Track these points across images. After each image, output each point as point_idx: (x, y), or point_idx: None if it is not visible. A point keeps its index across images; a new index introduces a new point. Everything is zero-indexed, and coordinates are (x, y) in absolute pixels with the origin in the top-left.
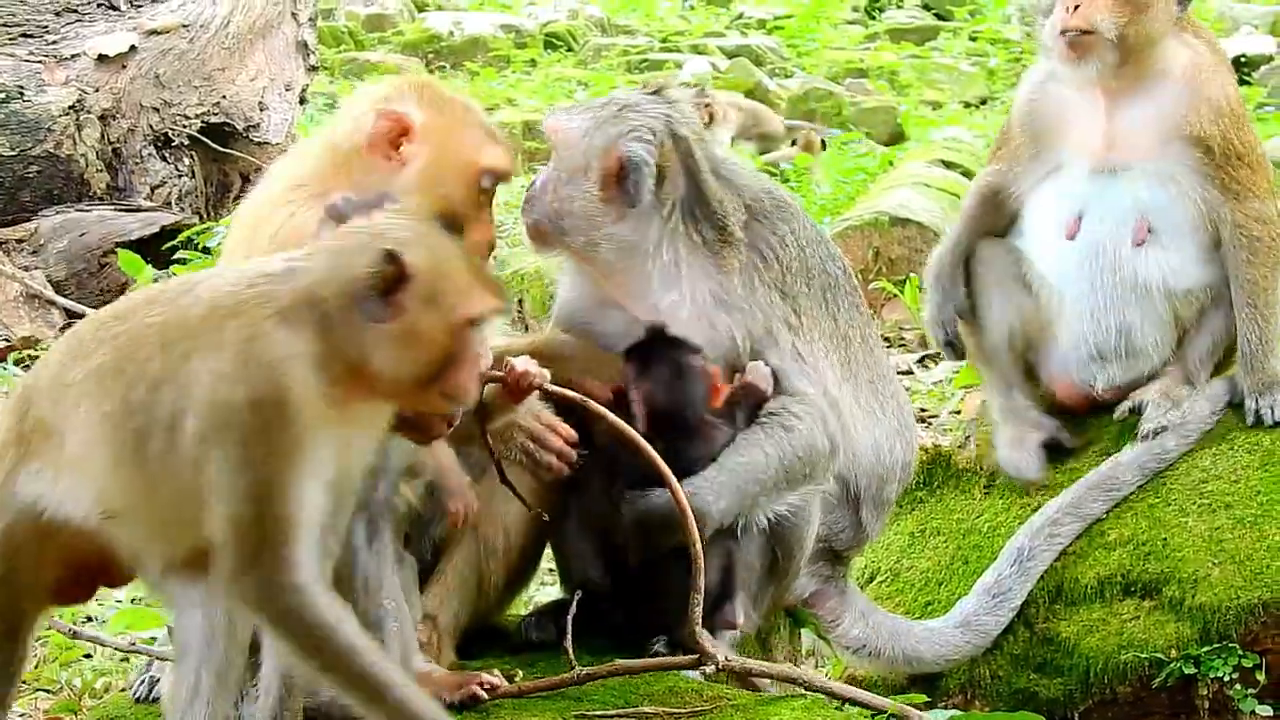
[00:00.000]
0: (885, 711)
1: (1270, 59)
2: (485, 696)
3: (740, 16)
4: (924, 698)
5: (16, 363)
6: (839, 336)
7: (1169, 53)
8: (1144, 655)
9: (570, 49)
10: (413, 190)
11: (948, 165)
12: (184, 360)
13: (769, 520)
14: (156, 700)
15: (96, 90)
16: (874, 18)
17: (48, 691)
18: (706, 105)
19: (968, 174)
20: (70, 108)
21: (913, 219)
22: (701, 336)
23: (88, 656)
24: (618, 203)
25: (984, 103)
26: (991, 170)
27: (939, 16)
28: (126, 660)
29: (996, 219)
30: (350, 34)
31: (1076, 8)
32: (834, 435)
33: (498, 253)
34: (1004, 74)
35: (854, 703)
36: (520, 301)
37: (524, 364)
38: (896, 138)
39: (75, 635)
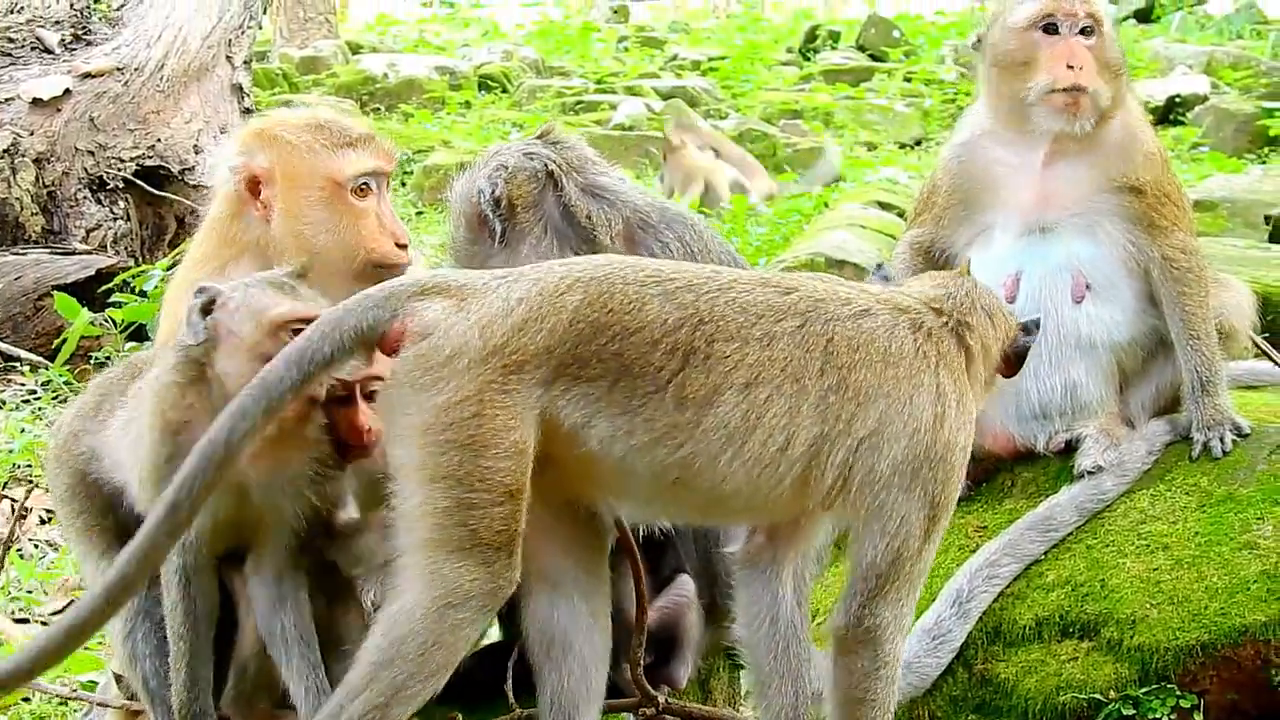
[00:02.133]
0: None
1: (1204, 99)
2: None
3: (674, 58)
4: None
5: None
6: None
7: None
8: (1082, 696)
9: (505, 90)
10: (286, 230)
11: (884, 206)
12: None
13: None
14: None
15: (31, 134)
16: (808, 59)
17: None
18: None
19: (903, 214)
20: (4, 151)
21: (849, 260)
22: None
23: (26, 700)
24: (485, 241)
25: (919, 143)
26: (916, 232)
27: (873, 58)
28: (65, 704)
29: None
30: (285, 76)
31: (1080, 67)
32: None
33: (416, 254)
34: (938, 114)
35: None
36: None
37: None
38: (834, 179)
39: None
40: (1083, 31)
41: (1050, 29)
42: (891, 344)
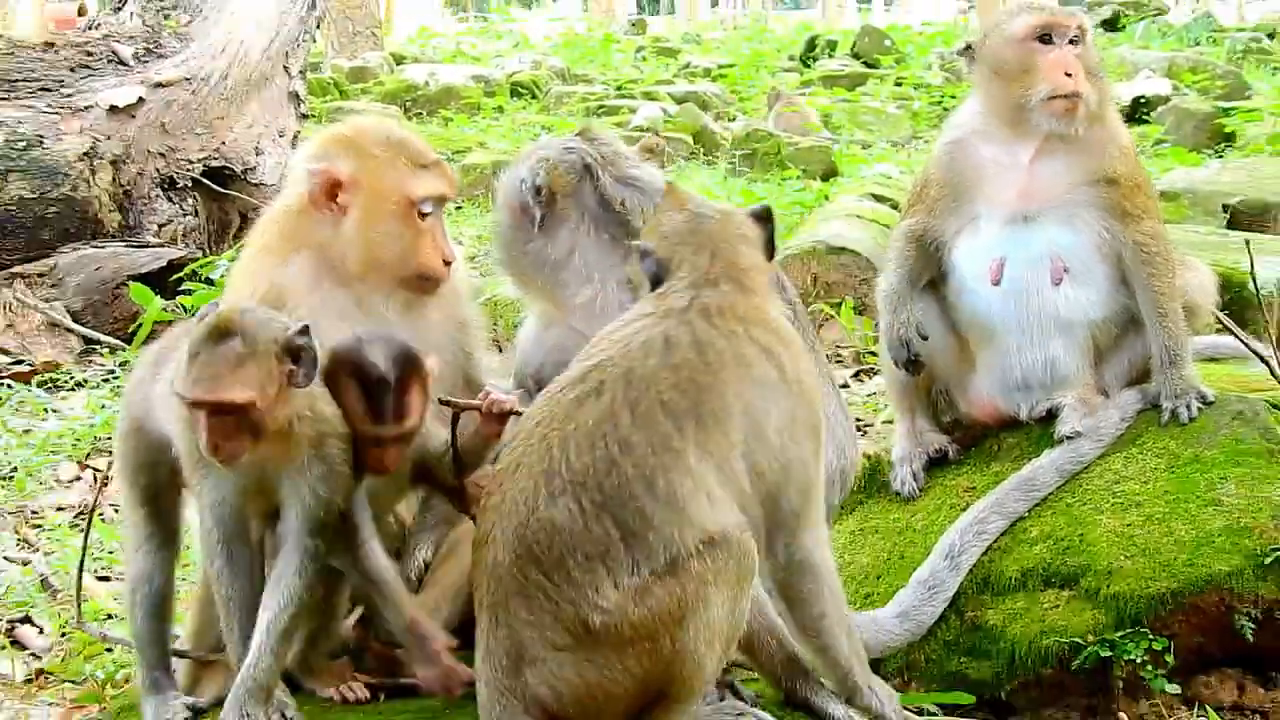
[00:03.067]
0: None
1: (1166, 100)
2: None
3: (687, 66)
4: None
5: (40, 385)
6: None
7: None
8: (1064, 640)
9: (534, 96)
10: (355, 235)
11: (878, 199)
12: None
13: None
14: None
15: (108, 138)
16: (808, 66)
17: (73, 682)
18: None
19: (896, 206)
20: (85, 154)
21: (848, 248)
22: None
23: (109, 650)
24: (526, 226)
25: (909, 141)
26: (910, 221)
27: (867, 65)
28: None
29: (927, 259)
30: (336, 85)
31: (1074, 75)
32: None
33: (458, 270)
34: (926, 115)
35: None
36: (495, 324)
37: (498, 391)
38: (830, 174)
39: (104, 637)
40: (1072, 41)
41: (1046, 39)
42: (703, 353)
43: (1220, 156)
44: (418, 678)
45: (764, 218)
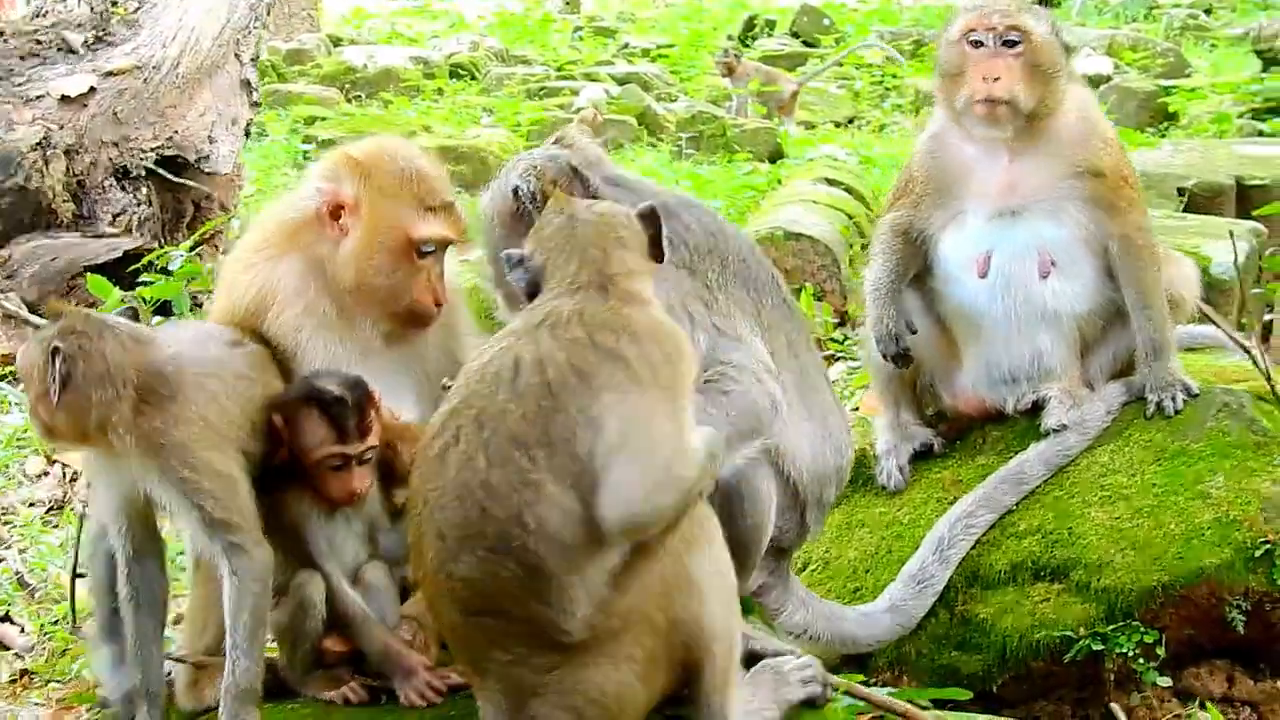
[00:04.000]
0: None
1: (1108, 79)
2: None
3: (626, 46)
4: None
5: (1, 378)
6: (763, 326)
7: (1065, 104)
8: (1055, 633)
9: (474, 77)
10: (350, 260)
11: (831, 182)
12: None
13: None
14: None
15: (61, 127)
16: (747, 45)
17: (59, 682)
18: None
19: (849, 190)
20: (37, 144)
21: (805, 233)
22: None
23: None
24: (521, 233)
25: (851, 121)
26: (895, 215)
27: (806, 44)
28: None
29: (914, 253)
30: (273, 67)
31: (997, 79)
32: (773, 395)
33: (451, 274)
34: (868, 95)
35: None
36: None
37: None
38: (776, 156)
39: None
40: (1006, 44)
41: (977, 43)
42: (543, 373)
43: (1164, 135)
44: (399, 696)
45: (649, 217)
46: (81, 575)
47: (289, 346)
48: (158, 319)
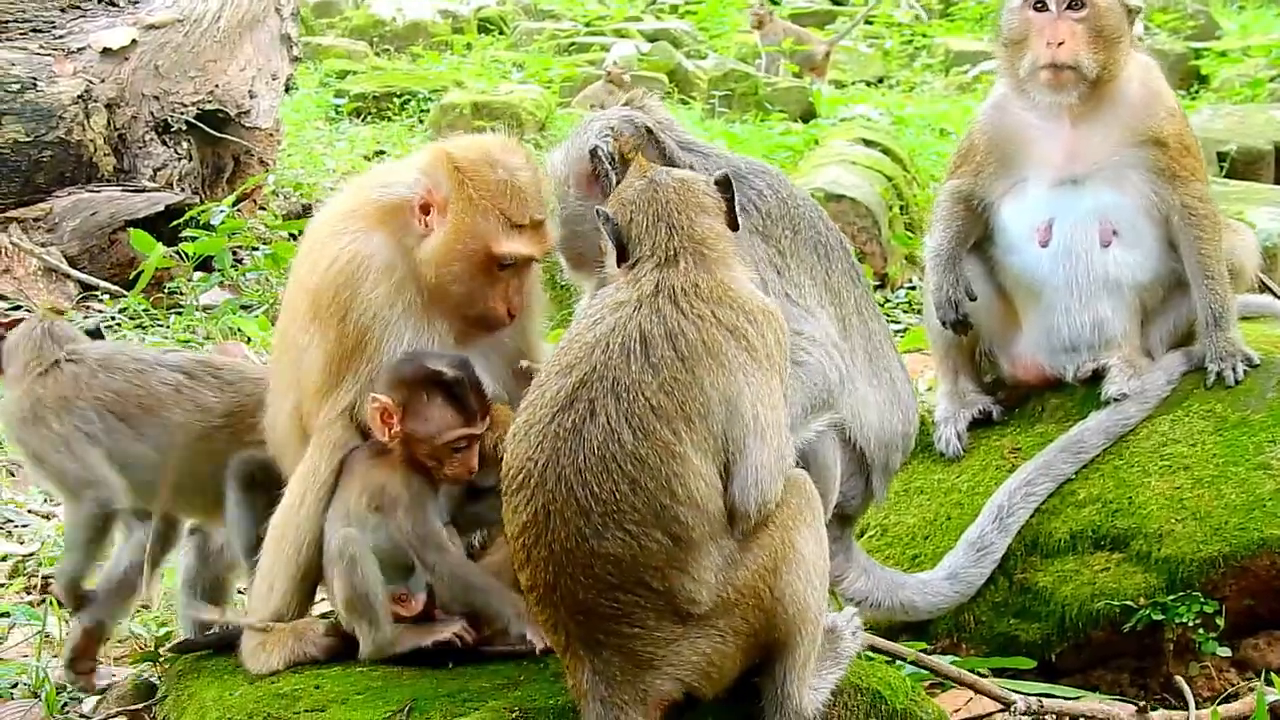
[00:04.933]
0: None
1: (1140, 40)
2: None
3: (654, 1)
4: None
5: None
6: (832, 293)
7: (1127, 71)
8: (1115, 603)
9: (502, 32)
10: (431, 259)
11: (868, 143)
12: None
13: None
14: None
15: (102, 81)
16: (776, 3)
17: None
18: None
19: (886, 151)
20: (79, 97)
21: (845, 194)
22: None
23: (145, 608)
24: (597, 195)
25: (881, 80)
26: (956, 182)
27: (835, 1)
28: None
29: (974, 220)
30: (302, 20)
31: (1061, 44)
32: (841, 369)
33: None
34: (897, 55)
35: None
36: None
37: None
38: (809, 115)
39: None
40: (1070, 6)
41: (1040, 7)
42: (676, 346)
43: (1194, 98)
44: (526, 636)
45: (724, 185)
46: None
47: (379, 323)
48: (199, 274)
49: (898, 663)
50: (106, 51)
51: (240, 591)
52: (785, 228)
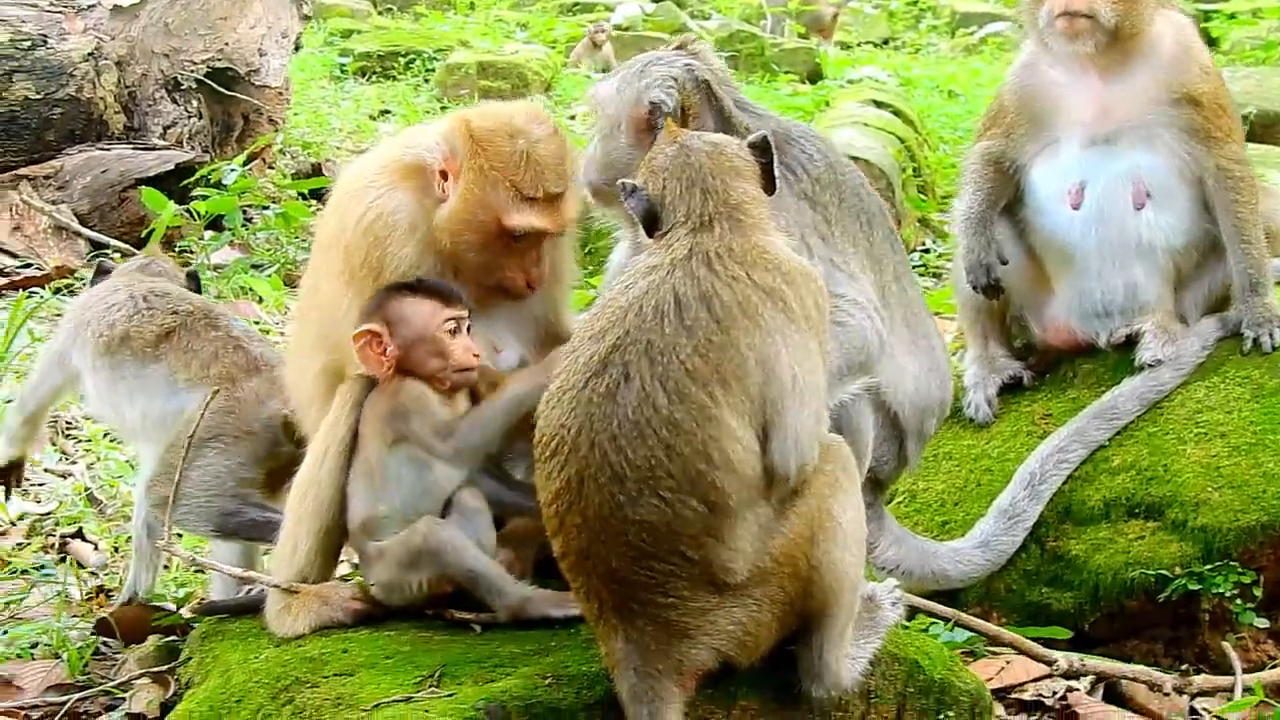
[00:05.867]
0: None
1: None
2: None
3: None
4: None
5: (55, 291)
6: (873, 259)
7: (1156, 28)
8: (1150, 572)
9: None
10: (444, 226)
11: (879, 105)
12: None
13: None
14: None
15: (112, 38)
16: None
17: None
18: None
19: (898, 113)
20: (89, 54)
21: (859, 156)
22: None
23: (165, 568)
24: (647, 146)
25: (886, 42)
26: (986, 144)
27: None
28: (201, 572)
29: (1005, 182)
30: None
31: None
32: (881, 333)
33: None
34: (902, 16)
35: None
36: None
37: None
38: (816, 76)
39: (194, 561)
40: None
41: None
42: (711, 308)
43: None
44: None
45: (761, 147)
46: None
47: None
48: (210, 233)
49: (932, 631)
50: (117, 9)
51: (265, 553)
52: (832, 194)
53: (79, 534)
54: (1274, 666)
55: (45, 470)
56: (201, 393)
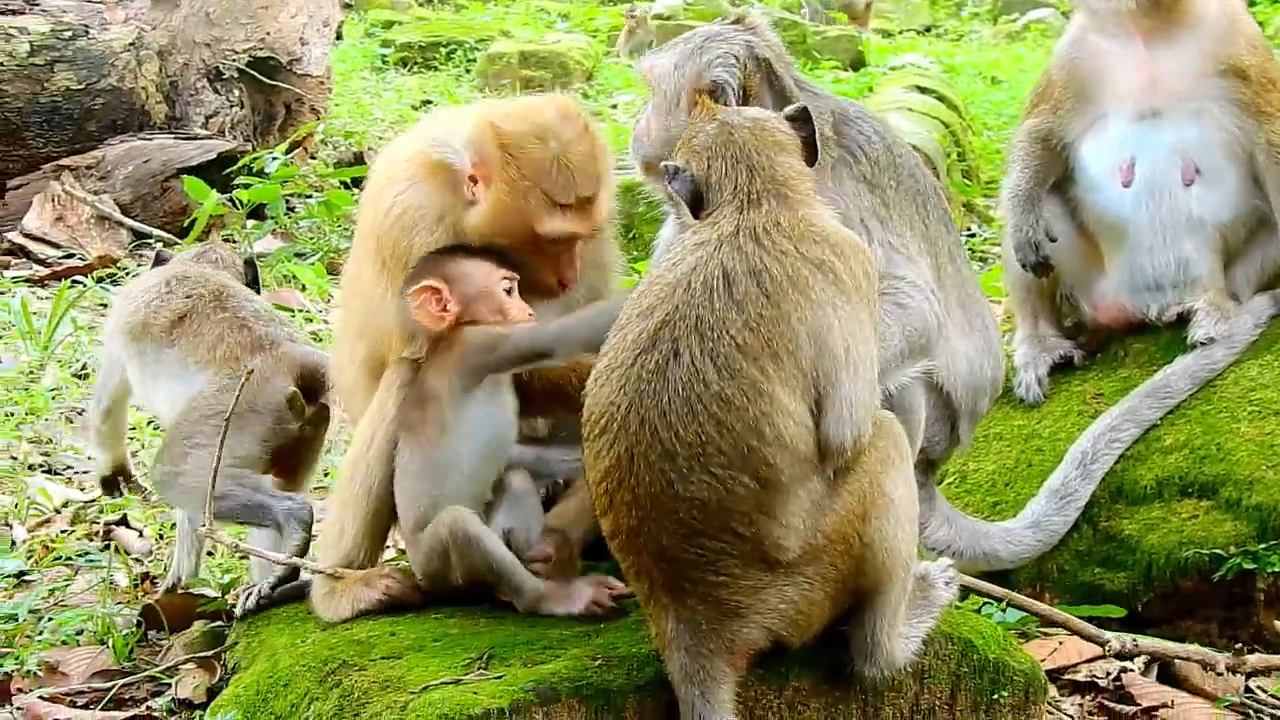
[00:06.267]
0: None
1: None
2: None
3: None
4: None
5: (98, 280)
6: (929, 242)
7: None
8: (1204, 551)
9: None
10: (475, 233)
11: (923, 90)
12: None
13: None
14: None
15: (154, 28)
16: None
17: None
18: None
19: (942, 98)
20: (131, 44)
21: (909, 143)
22: None
23: (209, 554)
24: None
25: (928, 29)
26: (1034, 121)
27: None
28: (245, 559)
29: (1053, 159)
30: None
31: None
32: (939, 315)
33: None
34: (944, 3)
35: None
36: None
37: None
38: (859, 64)
39: (237, 547)
40: None
41: None
42: (760, 282)
43: None
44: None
45: (802, 119)
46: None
47: None
48: (252, 222)
49: (984, 612)
50: None
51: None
52: (890, 176)
53: (123, 521)
54: None
55: (89, 458)
56: (208, 374)
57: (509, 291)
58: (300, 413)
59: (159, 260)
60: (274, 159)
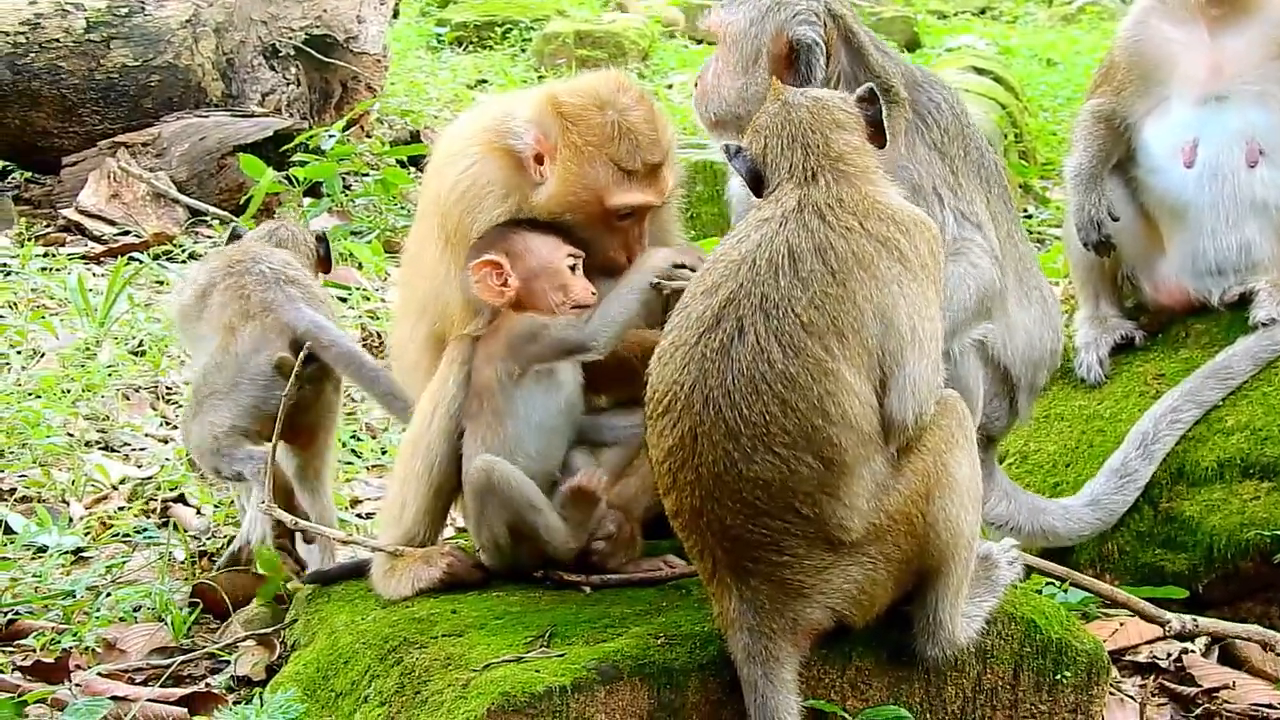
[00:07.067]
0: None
1: None
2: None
3: None
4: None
5: (155, 257)
6: (990, 214)
7: None
8: (1265, 533)
9: None
10: (544, 209)
11: (980, 71)
12: None
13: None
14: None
15: (210, 5)
16: None
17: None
18: None
19: (999, 80)
20: (187, 21)
21: None
22: None
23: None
24: (790, 81)
25: (984, 11)
26: (1097, 102)
27: None
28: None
29: (1116, 140)
30: None
31: None
32: (1002, 281)
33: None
34: None
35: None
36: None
37: None
38: (913, 45)
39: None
40: None
41: None
42: (826, 260)
43: None
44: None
45: (869, 99)
46: None
47: None
48: (308, 200)
49: (1046, 592)
50: None
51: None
52: (959, 146)
53: (180, 498)
54: None
55: (146, 435)
56: (213, 341)
57: (573, 269)
58: (294, 377)
59: (234, 237)
60: (330, 137)
